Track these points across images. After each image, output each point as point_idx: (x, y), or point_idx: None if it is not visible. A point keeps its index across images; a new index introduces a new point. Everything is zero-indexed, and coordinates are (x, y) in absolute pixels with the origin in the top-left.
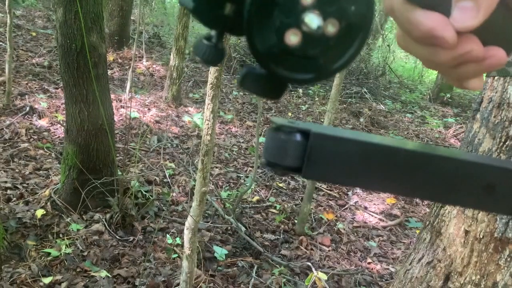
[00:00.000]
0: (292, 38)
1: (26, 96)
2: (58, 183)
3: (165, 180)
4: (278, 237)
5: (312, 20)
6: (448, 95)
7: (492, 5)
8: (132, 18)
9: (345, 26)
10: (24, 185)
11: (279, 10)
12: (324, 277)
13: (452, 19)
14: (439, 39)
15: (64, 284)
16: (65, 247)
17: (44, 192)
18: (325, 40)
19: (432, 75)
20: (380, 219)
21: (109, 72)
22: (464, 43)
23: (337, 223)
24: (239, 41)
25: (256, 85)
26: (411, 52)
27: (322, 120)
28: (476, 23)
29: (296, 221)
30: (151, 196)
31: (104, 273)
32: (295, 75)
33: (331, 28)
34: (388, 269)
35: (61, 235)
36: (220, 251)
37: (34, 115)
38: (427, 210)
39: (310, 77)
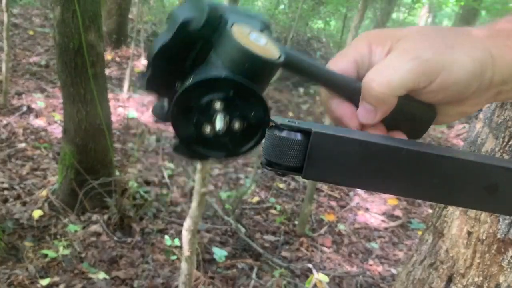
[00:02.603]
0: (206, 130)
1: (23, 96)
2: (55, 184)
3: (163, 180)
4: (278, 238)
5: (220, 121)
6: None
7: (388, 110)
8: (130, 16)
9: (247, 125)
10: (21, 185)
11: (197, 111)
12: (325, 279)
13: (358, 113)
14: (345, 125)
15: (61, 286)
16: (63, 249)
17: (42, 192)
18: (232, 133)
19: None
20: (382, 220)
21: (107, 71)
22: (369, 129)
23: (338, 224)
24: None
25: (187, 153)
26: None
27: (323, 120)
28: (375, 121)
29: (296, 222)
30: (150, 197)
31: (102, 275)
32: (209, 152)
33: (237, 125)
34: (389, 270)
35: (58, 236)
36: (219, 253)
37: (31, 114)
38: (430, 211)
39: (221, 154)
